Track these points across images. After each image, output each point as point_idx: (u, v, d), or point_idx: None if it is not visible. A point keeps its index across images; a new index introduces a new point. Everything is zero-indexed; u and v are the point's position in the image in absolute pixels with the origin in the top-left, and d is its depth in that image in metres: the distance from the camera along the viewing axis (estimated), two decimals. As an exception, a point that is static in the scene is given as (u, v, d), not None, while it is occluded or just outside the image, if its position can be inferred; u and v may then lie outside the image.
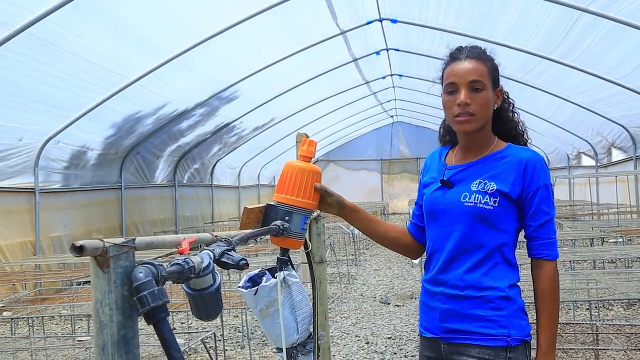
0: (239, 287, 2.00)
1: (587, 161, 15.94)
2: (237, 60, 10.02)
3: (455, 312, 1.85)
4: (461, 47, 1.96)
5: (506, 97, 2.00)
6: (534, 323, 1.86)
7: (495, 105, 1.91)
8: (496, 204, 1.82)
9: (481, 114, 1.84)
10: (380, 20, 10.48)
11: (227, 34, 8.35)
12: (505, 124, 1.98)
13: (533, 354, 1.87)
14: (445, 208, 1.90)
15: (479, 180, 1.86)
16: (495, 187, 1.83)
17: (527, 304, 2.10)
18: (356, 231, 11.36)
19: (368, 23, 10.50)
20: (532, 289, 1.85)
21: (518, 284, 1.89)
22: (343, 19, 9.92)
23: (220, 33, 8.26)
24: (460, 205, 1.86)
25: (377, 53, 12.68)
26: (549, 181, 1.84)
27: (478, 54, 1.90)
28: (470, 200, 1.84)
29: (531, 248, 1.86)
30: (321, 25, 9.85)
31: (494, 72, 1.90)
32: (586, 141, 14.73)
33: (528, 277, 1.96)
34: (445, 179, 1.93)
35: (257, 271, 2.06)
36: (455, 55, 1.93)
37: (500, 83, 1.94)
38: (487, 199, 1.82)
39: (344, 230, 10.85)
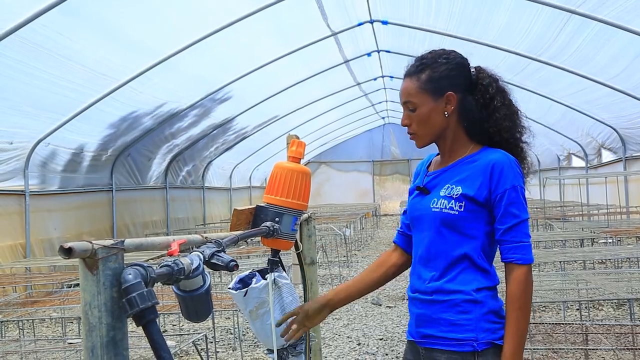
0: (229, 288, 2.01)
1: (577, 162, 16.04)
2: (228, 61, 10.02)
3: (427, 316, 1.86)
4: (412, 61, 1.95)
5: (479, 99, 1.89)
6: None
7: (446, 113, 1.86)
8: (462, 209, 1.80)
9: (423, 131, 1.87)
10: (371, 21, 10.51)
11: (218, 36, 8.35)
12: (474, 124, 1.89)
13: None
14: (420, 215, 1.91)
15: (447, 185, 1.85)
16: (460, 192, 1.81)
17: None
18: (347, 232, 11.37)
19: (359, 25, 10.52)
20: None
21: (493, 287, 1.86)
22: (334, 21, 9.94)
23: (212, 35, 8.25)
24: (429, 211, 1.86)
25: (369, 55, 12.71)
26: (518, 183, 1.80)
27: (413, 69, 1.90)
28: (437, 206, 1.84)
29: (502, 252, 1.81)
30: (312, 26, 9.86)
31: (430, 83, 1.85)
32: (576, 142, 14.82)
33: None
34: (422, 185, 1.94)
35: (247, 272, 2.06)
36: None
37: (455, 87, 1.86)
38: (452, 204, 1.81)
39: (336, 232, 10.85)
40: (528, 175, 1.95)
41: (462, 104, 1.87)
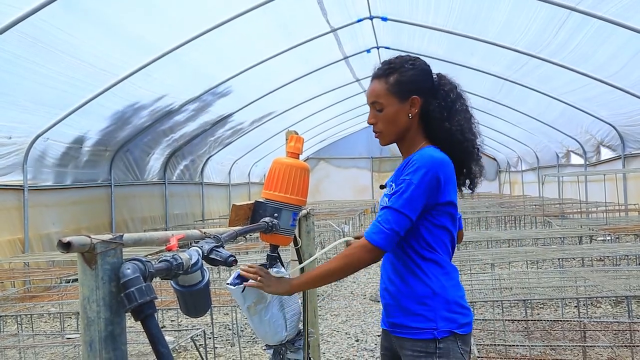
0: (227, 283, 2.01)
1: (576, 160, 16.04)
2: (228, 57, 10.00)
3: (393, 305, 2.01)
4: (379, 64, 2.08)
5: (441, 102, 2.02)
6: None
7: (410, 115, 2.00)
8: None
9: (387, 130, 2.03)
10: (371, 18, 10.49)
11: (218, 31, 8.32)
12: (429, 128, 2.04)
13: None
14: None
15: (390, 182, 2.02)
16: (394, 188, 1.96)
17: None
18: (346, 229, 11.37)
19: (359, 21, 10.50)
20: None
21: (451, 276, 1.99)
22: (334, 17, 9.92)
23: (211, 30, 8.22)
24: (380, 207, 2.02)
25: (368, 51, 12.68)
26: (412, 179, 1.89)
27: (382, 72, 2.03)
28: (382, 203, 1.99)
29: None
30: (312, 22, 9.84)
31: (398, 86, 1.99)
32: (575, 140, 14.82)
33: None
34: (384, 183, 2.12)
35: None
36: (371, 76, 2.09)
37: (419, 91, 2.00)
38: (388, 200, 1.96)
39: (334, 228, 10.86)
40: (482, 175, 2.10)
41: (424, 107, 2.01)
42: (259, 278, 1.90)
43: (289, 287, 1.94)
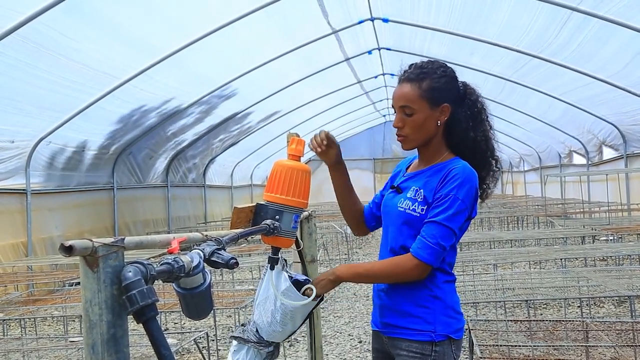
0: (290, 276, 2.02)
1: (578, 159, 16.03)
2: (230, 59, 10.01)
3: (390, 307, 2.01)
4: (409, 66, 2.06)
5: (467, 112, 2.02)
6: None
7: (439, 122, 1.99)
8: (423, 212, 1.95)
9: (414, 135, 2.01)
10: (372, 19, 10.49)
11: (219, 34, 8.34)
12: (453, 136, 2.04)
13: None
14: (388, 211, 2.09)
15: (414, 187, 2.01)
16: (422, 195, 1.96)
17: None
18: (349, 230, 11.37)
19: (360, 22, 10.50)
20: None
21: (451, 281, 2.02)
22: (335, 19, 9.93)
23: (213, 32, 8.24)
24: (396, 209, 2.03)
25: (369, 52, 12.70)
26: (457, 194, 1.89)
27: (414, 76, 1.99)
28: (402, 206, 2.00)
29: None
30: (313, 24, 9.85)
31: (431, 92, 1.96)
32: (577, 139, 14.81)
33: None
34: (396, 184, 2.11)
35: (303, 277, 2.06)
36: (399, 77, 2.06)
37: (450, 99, 1.99)
38: (415, 206, 1.96)
39: (337, 230, 10.86)
40: (495, 185, 2.11)
41: (452, 115, 2.00)
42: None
43: (334, 277, 1.97)
